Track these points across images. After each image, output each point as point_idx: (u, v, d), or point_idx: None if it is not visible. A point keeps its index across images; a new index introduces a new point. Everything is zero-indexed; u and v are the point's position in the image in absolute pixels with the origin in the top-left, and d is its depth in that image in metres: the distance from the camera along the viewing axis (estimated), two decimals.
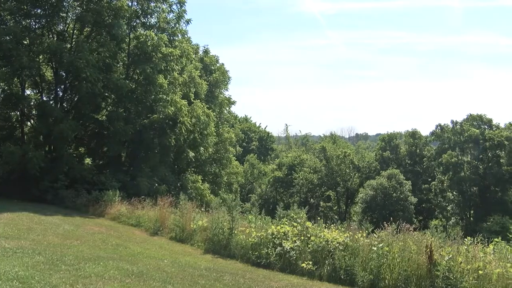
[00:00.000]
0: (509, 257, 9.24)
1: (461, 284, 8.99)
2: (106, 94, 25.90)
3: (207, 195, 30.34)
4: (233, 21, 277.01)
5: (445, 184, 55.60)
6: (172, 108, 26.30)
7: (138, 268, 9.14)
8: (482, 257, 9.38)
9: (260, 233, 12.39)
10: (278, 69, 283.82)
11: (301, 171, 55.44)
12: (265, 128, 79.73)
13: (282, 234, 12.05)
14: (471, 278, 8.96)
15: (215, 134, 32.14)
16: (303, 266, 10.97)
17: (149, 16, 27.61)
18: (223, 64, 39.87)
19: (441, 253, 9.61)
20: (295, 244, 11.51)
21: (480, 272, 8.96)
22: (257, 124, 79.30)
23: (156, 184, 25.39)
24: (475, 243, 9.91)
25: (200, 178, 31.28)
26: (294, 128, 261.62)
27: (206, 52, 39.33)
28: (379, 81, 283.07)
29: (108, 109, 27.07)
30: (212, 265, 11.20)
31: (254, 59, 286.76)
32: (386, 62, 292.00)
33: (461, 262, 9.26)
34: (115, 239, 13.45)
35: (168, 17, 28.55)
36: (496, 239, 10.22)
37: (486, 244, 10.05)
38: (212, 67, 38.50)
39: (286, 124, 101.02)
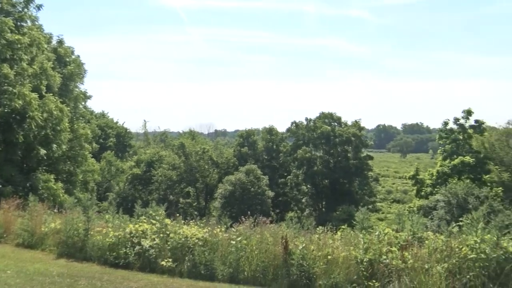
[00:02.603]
0: (353, 241, 10.08)
1: (313, 269, 9.59)
2: None
3: (61, 195, 28.34)
4: (90, 11, 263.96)
5: (299, 178, 58.69)
6: (20, 102, 24.00)
7: None
8: (331, 243, 10.11)
9: (118, 233, 11.93)
10: (137, 63, 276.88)
11: (160, 167, 54.62)
12: (123, 124, 77.22)
13: (141, 232, 11.74)
14: (321, 263, 9.60)
15: (69, 130, 30.16)
16: (163, 264, 10.83)
17: None
18: (78, 56, 37.44)
19: (296, 242, 10.13)
20: (154, 242, 11.31)
21: (329, 257, 9.65)
22: (115, 120, 76.46)
23: (0, 186, 23.13)
24: (326, 231, 10.68)
25: (52, 177, 29.05)
26: (153, 124, 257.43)
27: (60, 42, 36.51)
28: (238, 78, 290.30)
29: None
30: (66, 270, 10.52)
31: (112, 52, 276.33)
32: (246, 60, 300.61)
33: (313, 250, 9.87)
34: None
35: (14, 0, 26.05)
36: (343, 226, 11.08)
37: (335, 231, 10.88)
38: (67, 59, 35.89)
39: (145, 120, 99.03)
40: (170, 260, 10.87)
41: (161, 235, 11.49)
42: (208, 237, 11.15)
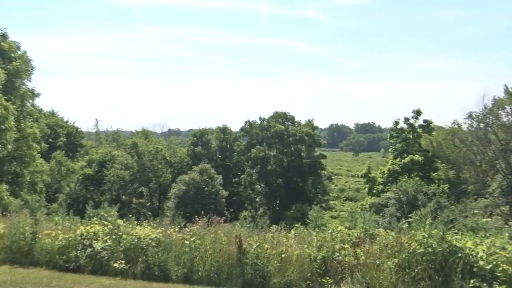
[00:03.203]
0: (306, 239, 10.20)
1: (267, 268, 9.63)
2: None
3: (5, 197, 27.36)
4: (39, 5, 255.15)
5: (253, 177, 58.88)
6: None
7: None
8: (285, 242, 10.19)
9: (68, 235, 11.57)
10: (90, 61, 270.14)
11: (112, 167, 53.52)
12: (73, 123, 75.14)
13: (92, 234, 11.45)
14: (275, 262, 9.66)
15: (15, 129, 29.11)
16: (115, 266, 10.61)
17: None
18: (25, 52, 36.14)
19: (250, 242, 10.15)
20: (106, 244, 11.05)
21: (283, 255, 9.72)
22: (65, 119, 74.33)
23: None
24: (280, 230, 10.76)
25: None
26: (105, 124, 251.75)
27: (3, 36, 34.99)
28: (193, 77, 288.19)
29: None
30: (10, 278, 10.05)
31: (63, 49, 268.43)
32: (200, 59, 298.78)
33: (267, 249, 9.91)
34: None
35: None
36: (296, 225, 11.19)
37: (289, 230, 10.97)
38: (12, 55, 34.54)
39: (97, 119, 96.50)
40: (123, 261, 10.66)
41: (114, 236, 11.25)
42: (162, 237, 11.01)
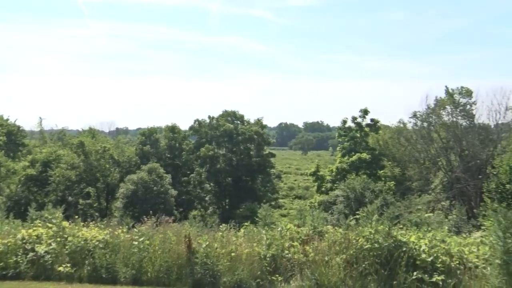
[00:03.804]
0: (256, 238, 10.24)
1: (217, 267, 9.60)
2: None
3: None
4: None
5: (203, 176, 58.61)
6: None
7: None
8: (235, 240, 10.19)
9: (7, 240, 10.99)
10: (33, 56, 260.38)
11: (57, 167, 51.82)
12: (15, 121, 72.34)
13: (35, 237, 10.98)
14: (225, 261, 9.65)
15: None
16: (60, 270, 10.23)
17: None
18: None
19: (199, 241, 10.08)
20: (50, 247, 10.63)
21: (233, 254, 9.73)
22: (5, 117, 71.40)
23: None
24: (229, 229, 10.76)
25: None
26: (50, 122, 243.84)
27: None
28: (141, 75, 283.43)
29: None
30: None
31: (3, 44, 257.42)
32: (149, 57, 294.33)
33: (217, 248, 9.88)
34: None
35: None
36: (246, 223, 11.23)
37: (238, 228, 10.99)
38: None
39: (40, 118, 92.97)
40: (68, 265, 10.31)
41: (58, 239, 10.85)
42: (110, 238, 10.74)
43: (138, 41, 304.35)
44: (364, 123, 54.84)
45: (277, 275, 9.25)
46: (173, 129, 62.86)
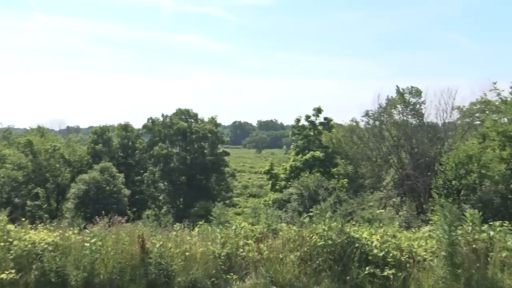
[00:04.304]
0: (210, 236, 10.20)
1: (172, 267, 9.50)
2: None
3: None
4: None
5: (156, 175, 58.00)
6: None
7: None
8: (189, 239, 10.11)
9: None
10: None
11: (2, 167, 49.92)
12: None
13: None
14: (179, 260, 9.56)
15: None
16: (3, 277, 9.75)
17: None
18: None
19: (153, 241, 9.95)
20: None
21: (187, 253, 9.65)
22: None
23: None
24: (183, 228, 10.67)
25: None
26: None
27: None
28: (93, 72, 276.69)
29: None
30: None
31: None
32: (100, 53, 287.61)
33: (171, 247, 9.78)
34: None
35: None
36: (200, 222, 11.16)
37: (193, 227, 10.91)
38: None
39: None
40: (13, 271, 9.84)
41: (2, 243, 10.39)
42: (59, 241, 10.40)
43: (89, 37, 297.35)
44: (317, 122, 55.66)
45: (231, 274, 9.24)
46: (126, 127, 61.84)
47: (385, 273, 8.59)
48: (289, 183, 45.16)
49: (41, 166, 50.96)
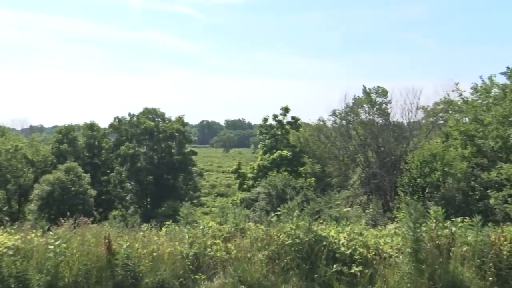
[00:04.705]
0: (178, 236, 10.14)
1: (139, 268, 9.38)
2: None
3: None
4: None
5: (123, 175, 57.28)
6: None
7: None
8: (156, 240, 10.01)
9: None
10: None
11: None
12: None
13: None
14: (147, 261, 9.45)
15: None
16: None
17: None
18: None
19: (120, 242, 9.80)
20: None
21: (155, 254, 9.55)
22: None
23: None
24: (151, 228, 10.55)
25: None
26: None
27: None
28: (57, 69, 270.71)
29: None
30: None
31: None
32: (65, 51, 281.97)
33: (138, 248, 9.66)
34: None
35: None
36: (168, 222, 11.07)
37: (160, 227, 10.81)
38: None
39: None
40: None
41: None
42: (21, 244, 10.09)
43: (53, 34, 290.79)
44: (285, 121, 55.98)
45: (200, 274, 9.19)
46: (91, 126, 60.84)
47: (352, 271, 8.70)
48: (257, 182, 45.27)
49: (2, 167, 49.52)
